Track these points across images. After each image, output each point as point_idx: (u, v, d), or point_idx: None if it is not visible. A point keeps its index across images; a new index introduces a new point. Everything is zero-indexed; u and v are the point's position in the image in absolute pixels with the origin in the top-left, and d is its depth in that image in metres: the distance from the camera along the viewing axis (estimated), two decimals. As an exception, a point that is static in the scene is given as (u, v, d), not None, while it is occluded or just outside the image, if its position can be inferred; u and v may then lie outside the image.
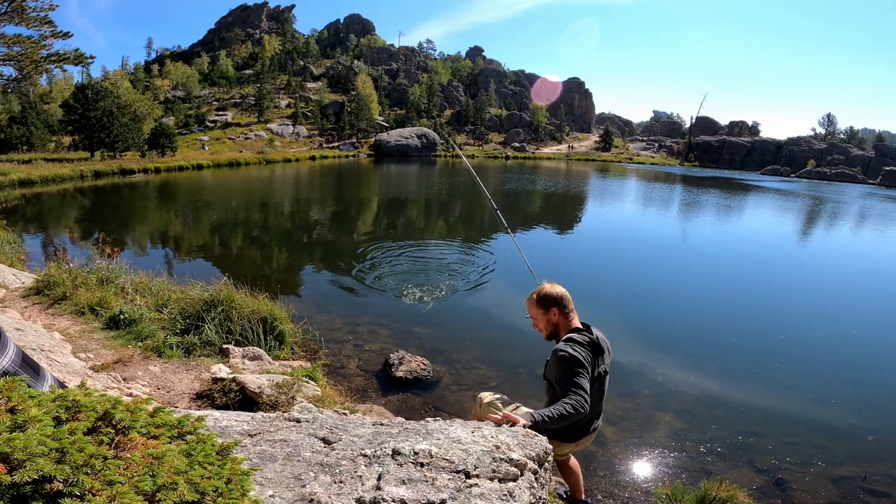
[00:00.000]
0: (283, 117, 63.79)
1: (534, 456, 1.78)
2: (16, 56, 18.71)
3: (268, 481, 1.46)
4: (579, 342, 2.38)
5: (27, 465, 0.83)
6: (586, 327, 2.52)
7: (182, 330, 4.77)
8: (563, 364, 2.31)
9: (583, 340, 2.39)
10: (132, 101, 43.25)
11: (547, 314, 2.52)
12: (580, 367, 2.28)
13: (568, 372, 2.27)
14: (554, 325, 2.53)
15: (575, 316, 2.54)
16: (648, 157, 72.22)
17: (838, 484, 3.63)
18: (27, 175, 22.10)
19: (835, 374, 5.66)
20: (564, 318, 2.52)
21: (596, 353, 2.41)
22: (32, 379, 1.53)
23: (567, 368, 2.28)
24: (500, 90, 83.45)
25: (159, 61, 79.44)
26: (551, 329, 2.55)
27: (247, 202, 19.06)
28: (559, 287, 2.57)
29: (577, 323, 2.53)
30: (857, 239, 16.95)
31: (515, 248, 3.44)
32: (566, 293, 2.54)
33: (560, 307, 2.51)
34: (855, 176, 56.65)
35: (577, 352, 2.33)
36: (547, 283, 2.59)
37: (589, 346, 2.40)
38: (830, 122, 74.80)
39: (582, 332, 2.46)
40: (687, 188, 32.70)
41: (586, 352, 2.36)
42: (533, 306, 2.59)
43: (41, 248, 10.83)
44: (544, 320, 2.55)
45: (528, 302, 2.63)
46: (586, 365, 2.30)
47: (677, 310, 7.73)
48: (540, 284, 2.63)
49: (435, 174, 36.23)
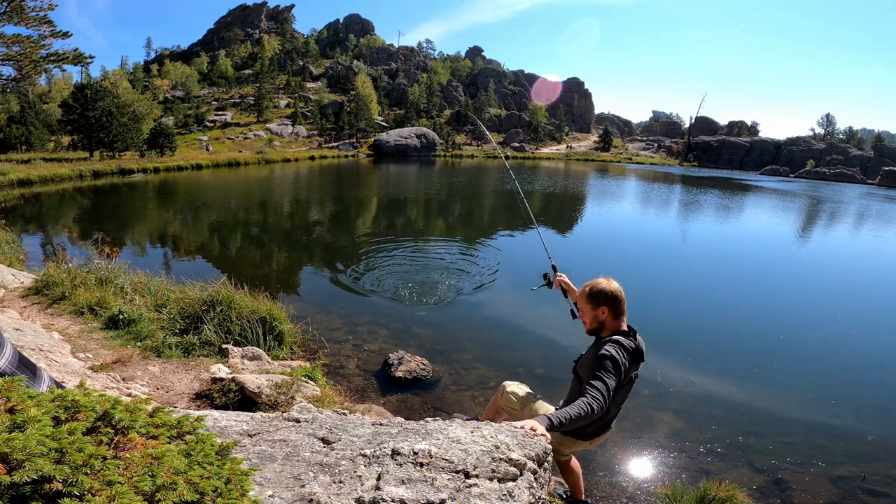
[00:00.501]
0: (282, 117, 63.76)
1: (533, 456, 1.78)
2: (15, 56, 18.69)
3: (267, 481, 1.46)
4: (625, 346, 2.32)
5: (26, 466, 0.83)
6: (633, 332, 2.44)
7: (181, 330, 4.76)
8: (602, 362, 2.25)
9: (629, 346, 2.34)
10: (131, 101, 43.19)
11: (596, 310, 2.42)
12: (617, 370, 2.23)
13: (604, 370, 2.22)
14: (600, 323, 2.44)
15: (625, 318, 2.44)
16: (648, 157, 72.25)
17: (837, 484, 3.63)
18: (26, 175, 22.08)
19: (834, 374, 5.67)
20: (613, 319, 2.42)
21: (636, 360, 2.38)
22: (29, 380, 1.53)
23: (604, 366, 2.23)
24: (500, 90, 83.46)
25: (158, 61, 79.39)
26: (596, 325, 2.46)
27: (246, 202, 19.05)
28: (615, 284, 2.44)
29: (624, 325, 2.44)
30: (855, 239, 16.97)
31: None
32: (621, 292, 2.42)
33: (611, 307, 2.40)
34: (854, 176, 56.71)
35: (619, 355, 2.27)
36: (603, 279, 2.46)
37: (632, 353, 2.35)
38: (829, 122, 74.92)
39: (629, 336, 2.39)
40: (686, 188, 32.72)
41: (629, 357, 2.31)
42: (584, 299, 2.48)
43: (40, 247, 10.81)
44: (592, 315, 2.45)
45: (580, 294, 2.53)
46: (622, 370, 2.26)
47: (677, 310, 7.73)
48: (596, 279, 2.49)
49: (434, 174, 36.22)
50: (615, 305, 2.39)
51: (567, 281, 2.96)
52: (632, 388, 2.49)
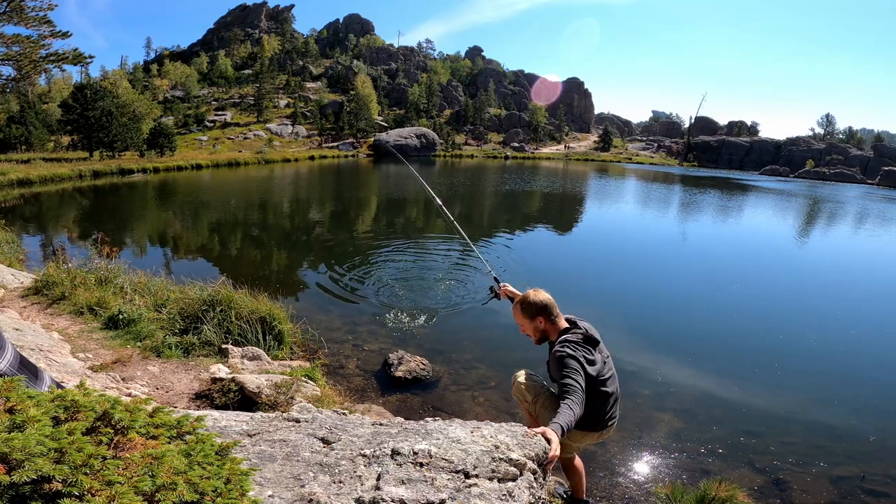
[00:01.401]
0: (282, 117, 63.76)
1: (533, 456, 1.78)
2: (15, 56, 18.69)
3: (267, 481, 1.46)
4: (574, 341, 2.45)
5: (26, 466, 0.83)
6: (572, 323, 2.59)
7: (181, 330, 4.76)
8: (561, 363, 2.37)
9: (577, 339, 2.46)
10: (131, 101, 43.18)
11: (533, 322, 2.57)
12: (577, 365, 2.34)
13: (566, 369, 2.33)
14: (542, 332, 2.59)
15: (561, 318, 2.59)
16: (647, 157, 72.27)
17: (837, 484, 3.63)
18: (26, 175, 22.07)
19: (834, 373, 5.67)
20: (551, 324, 2.57)
21: (592, 344, 2.49)
22: (31, 381, 1.53)
23: (565, 366, 2.34)
24: (500, 90, 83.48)
25: (158, 61, 79.37)
26: (540, 335, 2.60)
27: (246, 202, 19.04)
28: (543, 293, 2.60)
29: (563, 323, 2.59)
30: (855, 239, 16.98)
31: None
32: (550, 299, 2.58)
33: (546, 315, 2.55)
34: (854, 176, 56.73)
35: (573, 351, 2.39)
36: (531, 291, 2.62)
37: (584, 341, 2.47)
38: (829, 122, 74.95)
39: (571, 330, 2.52)
40: (686, 188, 32.73)
41: (582, 347, 2.43)
42: (518, 315, 2.63)
43: (40, 247, 10.81)
44: (532, 328, 2.60)
45: (513, 310, 2.68)
46: (581, 362, 2.37)
47: (676, 310, 7.73)
48: (524, 293, 2.65)
49: (434, 174, 36.22)
50: (548, 313, 2.55)
51: (512, 290, 3.05)
52: (613, 367, 2.61)
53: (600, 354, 2.53)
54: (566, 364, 2.35)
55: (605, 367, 2.54)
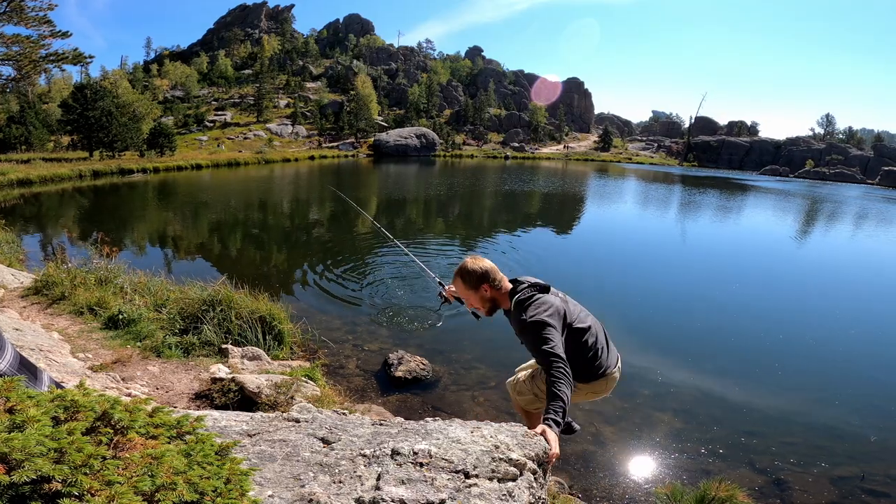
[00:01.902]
0: (282, 117, 63.75)
1: (533, 456, 1.78)
2: (14, 56, 18.70)
3: (267, 481, 1.46)
4: (531, 298, 2.25)
5: (26, 466, 0.82)
6: (516, 282, 2.39)
7: (181, 330, 4.76)
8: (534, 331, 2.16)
9: (531, 295, 2.27)
10: (131, 101, 43.19)
11: (479, 291, 2.36)
12: (549, 321, 2.16)
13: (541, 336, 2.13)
14: (491, 300, 2.39)
15: (505, 280, 2.39)
16: (647, 157, 72.26)
17: (837, 484, 3.63)
18: (26, 175, 22.06)
19: (834, 373, 5.67)
20: (497, 290, 2.36)
21: (542, 290, 2.32)
22: (30, 381, 1.53)
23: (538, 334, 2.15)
24: (500, 90, 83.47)
25: (158, 61, 79.38)
26: (489, 305, 2.40)
27: (246, 202, 19.04)
28: (483, 260, 2.39)
29: (508, 286, 2.38)
30: (855, 239, 16.98)
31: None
32: (492, 265, 2.38)
33: (489, 281, 2.34)
34: (854, 176, 56.73)
35: (536, 310, 2.20)
36: (469, 259, 2.40)
37: (539, 290, 2.30)
38: (829, 122, 74.92)
39: (518, 289, 2.33)
40: (686, 188, 32.73)
41: (547, 306, 2.23)
42: (462, 287, 2.41)
43: (40, 247, 10.81)
44: (478, 298, 2.38)
45: (455, 284, 2.46)
46: (554, 322, 2.18)
47: (676, 310, 7.73)
48: (461, 263, 2.40)
49: (434, 174, 36.22)
50: (492, 278, 2.35)
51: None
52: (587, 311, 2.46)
53: (557, 298, 2.32)
54: (538, 332, 2.14)
55: (575, 311, 2.35)
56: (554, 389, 2.01)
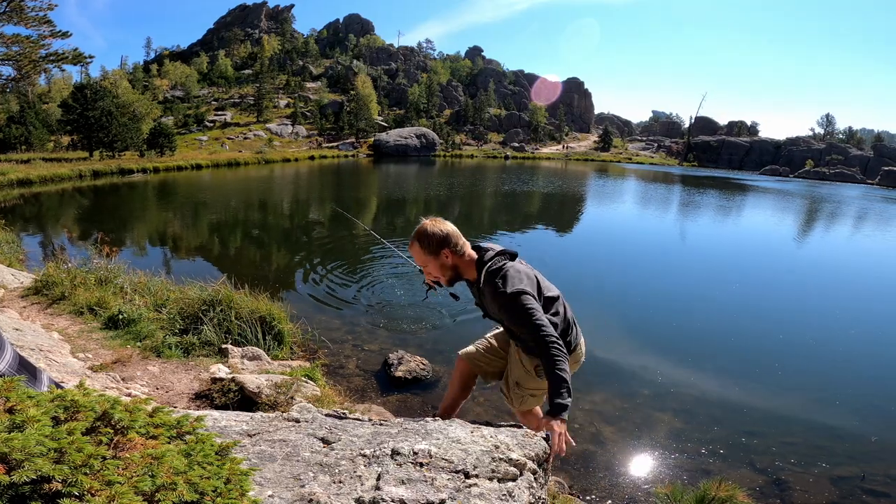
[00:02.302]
0: (282, 117, 63.76)
1: (533, 456, 1.78)
2: (14, 56, 18.70)
3: (267, 481, 1.46)
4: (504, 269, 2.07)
5: (25, 466, 0.82)
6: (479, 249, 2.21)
7: (181, 330, 4.76)
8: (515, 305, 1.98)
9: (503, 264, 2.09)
10: (131, 101, 43.21)
11: (438, 258, 2.14)
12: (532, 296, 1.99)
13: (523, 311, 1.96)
14: (452, 268, 2.18)
15: (467, 246, 2.18)
16: (647, 157, 72.27)
17: (838, 484, 3.63)
18: (26, 175, 22.05)
19: (834, 373, 5.67)
20: (459, 256, 2.15)
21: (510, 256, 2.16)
22: (29, 381, 1.53)
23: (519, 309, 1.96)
24: (500, 90, 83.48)
25: (158, 61, 79.39)
26: (451, 273, 2.20)
27: (246, 202, 19.04)
28: (444, 223, 2.16)
29: (472, 252, 2.18)
30: (855, 238, 16.98)
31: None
32: (453, 228, 2.16)
33: (451, 246, 2.12)
34: (854, 176, 56.73)
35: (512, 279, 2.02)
36: (428, 222, 2.16)
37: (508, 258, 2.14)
38: (829, 122, 74.95)
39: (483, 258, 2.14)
40: (686, 188, 32.73)
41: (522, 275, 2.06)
42: (419, 254, 2.17)
43: (40, 247, 10.80)
44: (437, 266, 2.17)
45: (411, 250, 2.21)
46: (533, 292, 2.02)
47: (676, 310, 7.73)
48: (418, 227, 2.17)
49: (434, 174, 36.22)
50: (453, 242, 2.13)
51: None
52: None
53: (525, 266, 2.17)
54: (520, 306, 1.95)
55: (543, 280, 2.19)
56: (557, 371, 1.87)
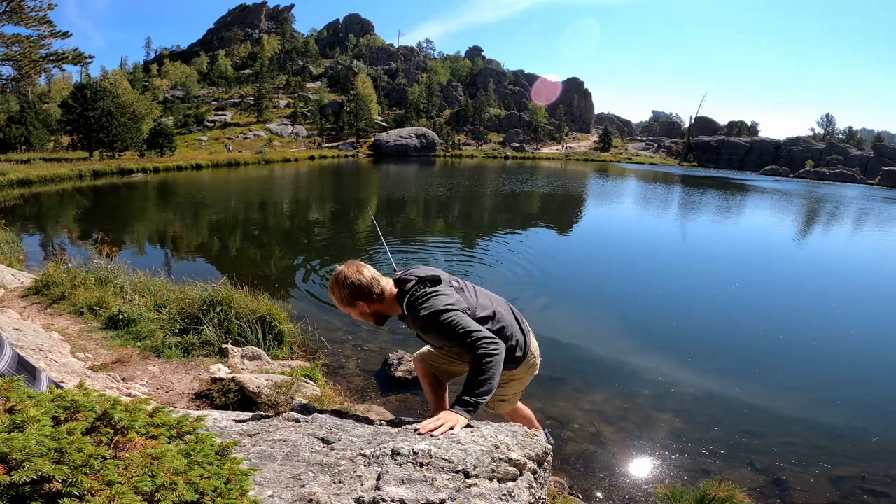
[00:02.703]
0: (282, 117, 63.77)
1: (533, 456, 1.78)
2: (14, 56, 18.71)
3: (267, 481, 1.46)
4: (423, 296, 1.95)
5: (26, 466, 0.82)
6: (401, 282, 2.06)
7: (181, 330, 4.76)
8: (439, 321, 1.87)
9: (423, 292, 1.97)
10: (131, 101, 43.22)
11: (356, 308, 2.01)
12: (453, 310, 1.89)
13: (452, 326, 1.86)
14: (372, 315, 2.06)
15: (388, 286, 2.04)
16: (647, 157, 72.28)
17: (838, 484, 3.63)
18: (26, 175, 22.07)
19: (834, 373, 5.67)
20: (379, 303, 2.01)
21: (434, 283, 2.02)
22: (29, 382, 1.53)
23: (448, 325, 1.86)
24: (500, 90, 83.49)
25: (158, 61, 79.43)
26: (373, 319, 2.08)
27: (246, 202, 19.04)
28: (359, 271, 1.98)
29: (392, 289, 2.04)
30: (855, 238, 16.98)
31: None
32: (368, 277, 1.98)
33: (366, 297, 1.98)
34: (854, 176, 56.74)
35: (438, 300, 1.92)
36: (344, 267, 2.01)
37: (429, 283, 2.00)
38: (829, 122, 74.96)
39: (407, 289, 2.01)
40: (685, 188, 32.73)
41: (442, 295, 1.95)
42: (336, 302, 2.04)
43: (40, 247, 10.81)
44: (357, 314, 2.04)
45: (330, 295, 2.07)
46: (457, 307, 1.92)
47: (676, 310, 7.73)
48: (336, 271, 2.02)
49: (434, 174, 36.22)
50: (367, 292, 1.97)
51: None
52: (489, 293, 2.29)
53: (451, 288, 2.05)
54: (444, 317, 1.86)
55: (471, 295, 2.11)
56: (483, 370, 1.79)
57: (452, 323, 1.87)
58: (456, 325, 1.87)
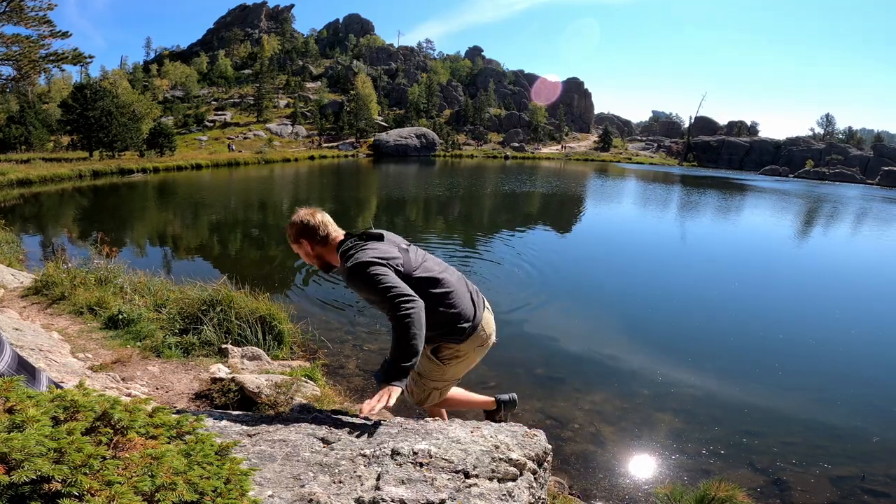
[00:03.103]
0: (282, 117, 63.77)
1: (533, 456, 1.78)
2: (14, 56, 18.71)
3: (267, 481, 1.46)
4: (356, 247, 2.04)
5: (25, 466, 0.82)
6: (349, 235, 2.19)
7: (181, 330, 4.75)
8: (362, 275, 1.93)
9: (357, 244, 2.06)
10: (131, 101, 43.21)
11: (301, 247, 2.18)
12: (378, 265, 1.94)
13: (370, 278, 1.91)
14: (316, 257, 2.19)
15: (337, 234, 2.17)
16: (647, 157, 72.28)
17: (838, 484, 3.63)
18: (25, 175, 22.07)
19: (834, 373, 5.67)
20: (322, 246, 2.15)
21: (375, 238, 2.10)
22: (29, 382, 1.53)
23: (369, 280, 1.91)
24: (500, 90, 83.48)
25: (158, 61, 79.42)
26: (317, 262, 2.21)
27: (246, 202, 19.04)
28: (314, 214, 2.16)
29: (338, 236, 2.17)
30: (855, 238, 16.98)
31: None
32: (317, 220, 2.14)
33: (311, 237, 2.13)
34: (853, 176, 56.75)
35: (366, 251, 1.99)
36: (302, 209, 2.20)
37: (366, 239, 2.09)
38: (829, 122, 74.98)
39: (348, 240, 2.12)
40: (685, 188, 32.73)
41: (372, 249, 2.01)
42: (290, 241, 2.23)
43: (40, 247, 10.80)
44: (303, 253, 2.20)
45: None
46: (381, 261, 1.96)
47: (676, 310, 7.73)
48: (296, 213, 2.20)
49: (434, 174, 36.22)
50: (314, 234, 2.13)
51: None
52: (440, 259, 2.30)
53: (395, 247, 2.10)
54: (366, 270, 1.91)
55: (416, 256, 2.13)
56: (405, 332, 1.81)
57: (376, 277, 1.91)
58: (378, 280, 1.90)
